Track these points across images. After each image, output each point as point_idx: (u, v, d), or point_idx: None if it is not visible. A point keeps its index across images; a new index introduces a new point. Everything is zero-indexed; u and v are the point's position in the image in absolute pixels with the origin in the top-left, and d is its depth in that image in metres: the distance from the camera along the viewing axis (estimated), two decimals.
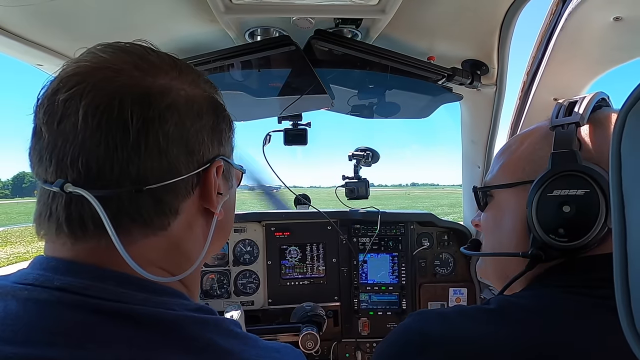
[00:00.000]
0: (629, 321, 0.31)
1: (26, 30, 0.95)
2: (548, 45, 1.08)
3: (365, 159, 1.73)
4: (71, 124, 0.39)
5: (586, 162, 0.51)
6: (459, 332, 0.48)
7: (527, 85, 1.23)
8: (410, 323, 0.53)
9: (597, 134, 0.54)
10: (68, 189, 0.38)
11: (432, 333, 0.49)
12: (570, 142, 0.53)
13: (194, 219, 0.48)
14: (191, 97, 0.45)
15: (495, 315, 0.49)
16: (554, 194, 0.52)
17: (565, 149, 0.53)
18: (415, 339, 0.50)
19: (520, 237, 0.58)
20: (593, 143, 0.53)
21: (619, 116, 0.33)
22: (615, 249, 0.33)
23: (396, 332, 0.53)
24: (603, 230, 0.49)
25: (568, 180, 0.51)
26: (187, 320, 0.41)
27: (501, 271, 0.64)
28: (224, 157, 0.50)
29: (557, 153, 0.54)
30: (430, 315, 0.53)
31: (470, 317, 0.50)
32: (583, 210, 0.50)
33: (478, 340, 0.46)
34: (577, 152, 0.52)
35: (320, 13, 0.95)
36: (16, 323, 0.35)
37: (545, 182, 0.53)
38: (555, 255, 0.53)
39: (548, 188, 0.53)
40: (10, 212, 35.96)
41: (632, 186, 0.32)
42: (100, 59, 0.42)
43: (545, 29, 1.06)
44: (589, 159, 0.52)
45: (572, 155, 0.52)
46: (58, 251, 0.41)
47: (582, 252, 0.52)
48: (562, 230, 0.52)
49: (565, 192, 0.51)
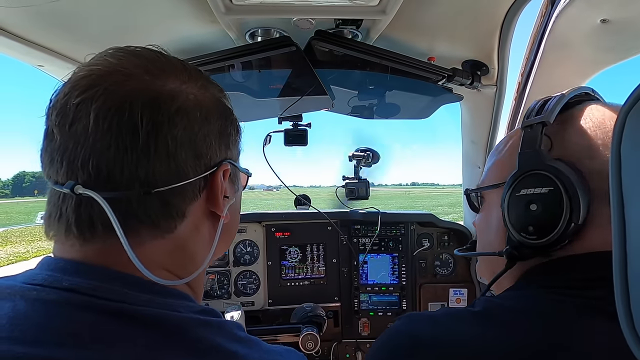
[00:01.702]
0: (628, 322, 0.31)
1: (27, 31, 0.95)
2: (539, 46, 1.09)
3: (365, 160, 1.73)
4: (82, 126, 0.39)
5: (552, 161, 0.52)
6: (449, 334, 0.49)
7: (522, 86, 1.24)
8: (399, 326, 0.53)
9: (568, 131, 0.55)
10: (78, 190, 0.39)
11: (423, 336, 0.49)
12: (535, 141, 0.54)
13: (201, 222, 0.48)
14: (200, 101, 0.46)
15: (481, 317, 0.50)
16: (522, 193, 0.54)
17: (529, 149, 0.55)
18: (405, 342, 0.50)
19: (502, 236, 0.60)
20: (563, 140, 0.55)
21: (619, 116, 0.33)
22: (615, 249, 0.33)
23: (385, 335, 0.54)
24: (569, 226, 0.50)
25: (532, 180, 0.53)
26: (191, 322, 0.41)
27: (491, 271, 0.65)
28: (231, 160, 0.50)
29: (523, 153, 0.56)
30: (419, 318, 0.53)
31: (459, 319, 0.51)
32: (548, 207, 0.51)
33: (468, 342, 0.47)
34: (541, 151, 0.54)
35: (320, 14, 0.95)
36: (25, 323, 0.35)
37: (513, 182, 0.56)
38: (529, 253, 0.55)
39: (516, 188, 0.55)
40: (10, 211, 36.00)
41: (632, 186, 0.32)
42: (112, 63, 0.43)
43: (537, 31, 1.07)
44: (560, 156, 0.53)
45: (536, 155, 0.54)
46: (67, 252, 0.42)
47: (555, 249, 0.52)
48: (531, 228, 0.53)
49: (531, 191, 0.53)
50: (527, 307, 0.49)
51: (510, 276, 0.59)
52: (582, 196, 0.49)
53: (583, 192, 0.49)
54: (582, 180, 0.50)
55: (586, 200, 0.49)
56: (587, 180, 0.50)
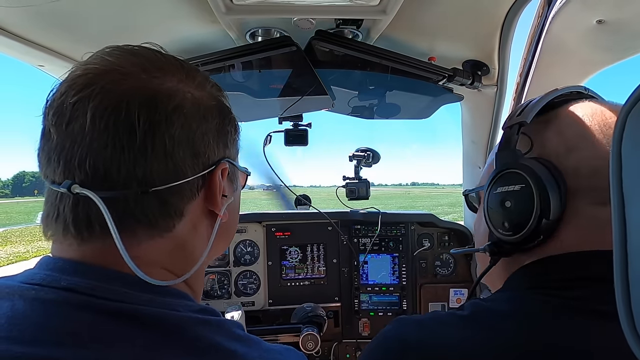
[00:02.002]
0: (629, 322, 0.31)
1: (27, 31, 0.95)
2: (537, 47, 1.09)
3: (365, 160, 1.73)
4: (79, 125, 0.39)
5: (527, 160, 0.54)
6: (435, 338, 0.49)
7: (520, 87, 1.25)
8: (390, 330, 0.54)
9: (549, 129, 0.56)
10: (75, 190, 0.39)
11: (410, 339, 0.50)
12: (510, 141, 0.56)
13: (199, 221, 0.48)
14: (197, 99, 0.46)
15: (469, 320, 0.50)
16: (498, 191, 0.56)
17: (506, 149, 0.57)
18: (395, 346, 0.51)
19: (488, 234, 0.61)
20: (542, 139, 0.56)
21: (619, 117, 0.33)
22: (616, 249, 0.33)
23: (376, 340, 0.55)
24: (541, 221, 0.50)
25: (507, 178, 0.55)
26: (190, 321, 0.41)
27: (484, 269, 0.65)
28: (229, 159, 0.50)
29: (500, 153, 0.58)
30: (407, 322, 0.54)
31: (446, 323, 0.51)
32: (519, 204, 0.53)
33: (456, 345, 0.47)
34: (516, 151, 0.56)
35: (321, 14, 0.95)
36: (23, 323, 0.35)
37: (491, 180, 0.58)
38: (508, 249, 0.56)
39: (494, 186, 0.57)
40: (10, 211, 36.02)
41: (632, 186, 0.32)
42: (109, 62, 0.42)
43: (534, 31, 1.08)
44: (539, 155, 0.55)
45: (511, 154, 0.56)
46: (65, 252, 0.42)
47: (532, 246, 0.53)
48: (506, 224, 0.55)
49: (505, 189, 0.55)
50: (513, 308, 0.49)
51: (499, 276, 0.60)
52: (553, 193, 0.50)
53: (553, 189, 0.50)
54: (556, 178, 0.51)
55: (557, 197, 0.50)
56: (564, 177, 0.51)
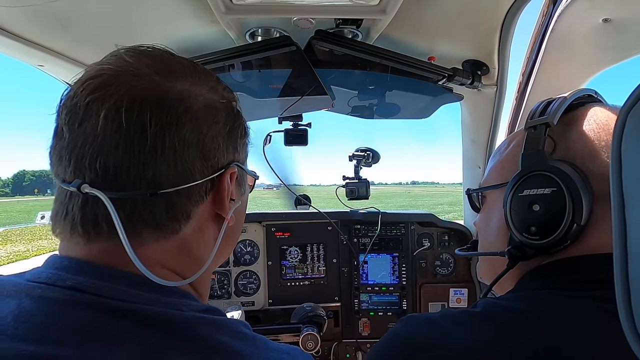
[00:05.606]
0: (629, 321, 0.31)
1: (27, 30, 0.95)
2: (541, 46, 1.09)
3: (365, 160, 1.73)
4: (91, 125, 0.40)
5: (555, 162, 0.52)
6: (445, 336, 0.49)
7: (523, 86, 1.24)
8: (399, 328, 0.54)
9: (572, 132, 0.55)
10: (85, 189, 0.39)
11: (420, 338, 0.50)
12: (538, 142, 0.54)
13: (206, 224, 0.48)
14: (209, 102, 0.46)
15: (481, 318, 0.50)
16: (524, 193, 0.54)
17: (532, 150, 0.55)
18: (404, 343, 0.51)
19: (504, 236, 0.60)
20: (566, 141, 0.55)
21: (619, 116, 0.33)
22: (616, 249, 0.33)
23: (386, 337, 0.54)
24: (572, 227, 0.50)
25: (535, 180, 0.53)
26: (195, 321, 0.41)
27: (493, 271, 0.65)
28: (238, 163, 0.50)
29: (526, 154, 0.56)
30: (418, 320, 0.54)
31: (457, 321, 0.51)
32: (551, 208, 0.51)
33: (466, 343, 0.47)
34: (544, 152, 0.54)
35: (320, 13, 0.95)
36: (30, 321, 0.36)
37: (516, 182, 0.56)
38: (532, 254, 0.55)
39: (519, 188, 0.55)
40: (10, 210, 36.01)
41: (632, 186, 0.32)
42: (123, 63, 0.43)
43: (538, 30, 1.07)
44: (563, 157, 0.53)
45: (539, 156, 0.54)
46: (72, 250, 0.42)
47: (557, 250, 0.52)
48: (533, 229, 0.53)
49: (534, 192, 0.53)
50: (527, 308, 0.49)
51: (511, 278, 0.59)
52: (585, 197, 0.49)
53: (586, 193, 0.49)
54: (585, 182, 0.50)
55: (589, 202, 0.49)
56: (590, 182, 0.50)
